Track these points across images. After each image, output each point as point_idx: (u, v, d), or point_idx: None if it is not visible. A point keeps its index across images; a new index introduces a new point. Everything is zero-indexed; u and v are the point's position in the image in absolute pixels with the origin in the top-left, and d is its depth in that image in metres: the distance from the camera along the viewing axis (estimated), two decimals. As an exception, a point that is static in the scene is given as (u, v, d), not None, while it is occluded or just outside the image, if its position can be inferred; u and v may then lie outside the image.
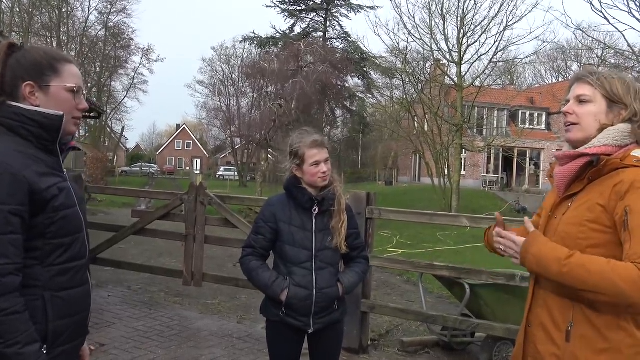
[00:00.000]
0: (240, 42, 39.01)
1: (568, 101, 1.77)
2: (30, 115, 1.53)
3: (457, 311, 4.83)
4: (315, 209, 2.55)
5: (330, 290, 2.54)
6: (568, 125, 1.74)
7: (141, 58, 45.68)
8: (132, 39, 43.33)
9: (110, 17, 41.18)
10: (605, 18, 14.42)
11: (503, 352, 4.45)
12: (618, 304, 1.54)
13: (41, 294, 1.50)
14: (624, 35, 16.44)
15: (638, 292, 1.46)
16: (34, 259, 1.49)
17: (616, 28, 18.14)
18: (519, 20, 22.42)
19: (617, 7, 14.36)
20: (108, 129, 49.59)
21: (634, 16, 14.22)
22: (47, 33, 37.35)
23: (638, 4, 14.16)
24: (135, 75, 46.04)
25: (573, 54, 34.04)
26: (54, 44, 35.69)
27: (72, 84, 1.61)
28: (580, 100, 1.72)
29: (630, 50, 15.96)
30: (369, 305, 4.63)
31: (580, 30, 17.54)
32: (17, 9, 34.30)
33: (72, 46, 39.32)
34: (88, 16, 40.32)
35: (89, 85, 41.55)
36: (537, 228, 1.79)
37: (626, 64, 17.37)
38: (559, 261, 1.56)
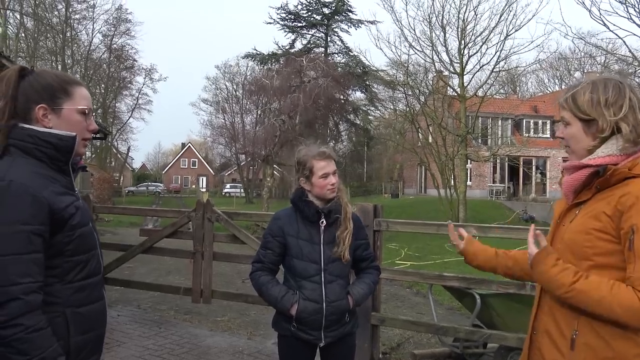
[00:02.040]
0: (243, 58, 39.27)
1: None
2: (44, 137, 1.57)
3: (468, 322, 4.79)
4: (323, 222, 2.54)
5: (340, 303, 2.52)
6: (564, 147, 1.79)
7: (144, 78, 46.08)
8: (135, 60, 43.83)
9: (114, 39, 41.73)
10: (605, 25, 14.48)
11: (516, 362, 4.41)
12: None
13: (62, 311, 1.54)
14: (624, 42, 16.46)
15: (634, 319, 1.51)
16: (54, 276, 1.53)
17: (616, 34, 18.28)
18: (518, 29, 22.56)
19: (616, 13, 14.37)
20: (114, 150, 49.95)
21: (634, 22, 14.26)
22: (52, 57, 37.85)
23: (637, 10, 14.21)
24: (140, 96, 46.48)
25: (575, 61, 34.12)
26: (59, 68, 36.15)
27: (83, 106, 1.65)
28: (563, 123, 1.74)
29: (632, 56, 15.97)
30: (379, 318, 4.60)
31: (581, 38, 17.60)
32: (23, 35, 34.81)
33: (77, 69, 39.80)
34: (92, 39, 40.91)
35: (94, 106, 41.92)
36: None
37: (629, 70, 17.36)
38: (563, 287, 1.60)
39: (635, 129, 1.62)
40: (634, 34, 14.75)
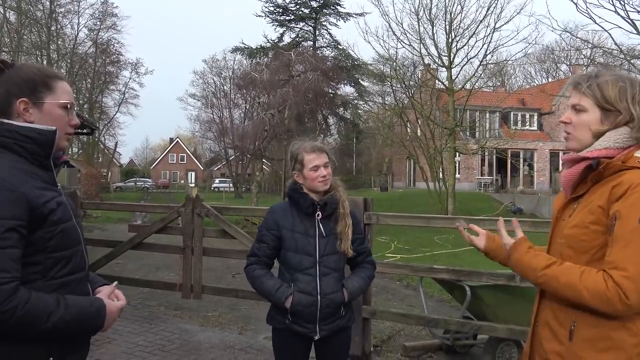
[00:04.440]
0: (231, 52, 38.94)
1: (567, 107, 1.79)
2: (24, 132, 1.54)
3: (458, 314, 4.82)
4: (319, 214, 2.55)
5: (335, 295, 2.52)
6: (566, 134, 1.77)
7: (130, 72, 45.56)
8: (121, 54, 43.34)
9: (100, 33, 41.23)
10: (591, 18, 14.56)
11: (506, 353, 4.44)
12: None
13: None
14: (610, 34, 16.66)
15: (600, 303, 1.55)
16: (35, 273, 1.50)
17: (602, 27, 18.43)
18: (506, 23, 22.67)
19: (602, 6, 14.45)
20: (101, 145, 49.46)
21: (619, 14, 14.36)
22: (37, 52, 37.27)
23: (623, 3, 14.32)
24: (126, 90, 45.97)
25: (562, 54, 34.32)
26: (44, 62, 35.64)
27: (65, 100, 1.63)
28: (576, 109, 1.72)
29: (618, 49, 16.10)
30: (370, 311, 4.61)
31: (568, 31, 17.70)
32: (6, 29, 34.28)
33: (62, 64, 39.29)
34: (77, 33, 40.36)
35: (81, 102, 41.51)
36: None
37: (614, 63, 17.51)
38: (535, 271, 1.69)
39: None
40: (619, 27, 14.86)
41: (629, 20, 14.46)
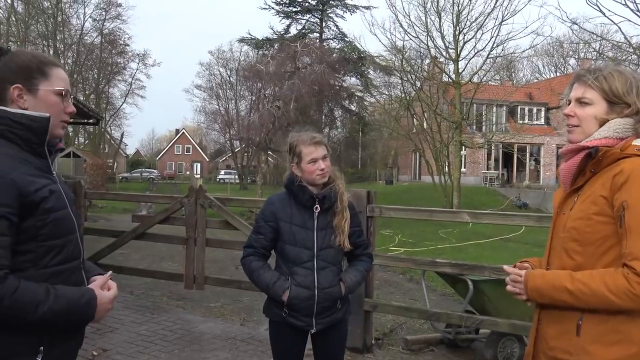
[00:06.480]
0: (237, 42, 38.87)
1: (570, 101, 1.76)
2: (16, 119, 1.53)
3: (460, 308, 4.80)
4: (317, 208, 2.52)
5: (333, 289, 2.51)
6: (570, 127, 1.74)
7: (137, 63, 45.59)
8: (127, 45, 43.37)
9: (105, 24, 41.26)
10: (601, 11, 14.37)
11: (508, 347, 4.43)
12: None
13: None
14: (619, 28, 16.50)
15: (630, 302, 1.52)
16: (27, 261, 1.49)
17: (611, 20, 18.07)
18: (514, 15, 22.49)
19: (612, -1, 14.30)
20: (107, 136, 49.63)
21: (629, 7, 14.17)
22: (44, 42, 37.41)
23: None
24: (133, 81, 46.04)
25: (570, 48, 34.05)
26: (51, 52, 35.76)
27: (60, 87, 1.61)
28: (581, 102, 1.70)
29: (627, 42, 15.92)
30: (371, 304, 4.61)
31: (576, 24, 17.49)
32: (14, 19, 34.37)
33: (69, 54, 39.40)
34: (84, 24, 40.42)
35: (87, 92, 41.62)
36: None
37: (623, 57, 17.32)
38: (562, 290, 1.62)
39: None
40: (628, 20, 14.65)
41: (638, 13, 14.26)
